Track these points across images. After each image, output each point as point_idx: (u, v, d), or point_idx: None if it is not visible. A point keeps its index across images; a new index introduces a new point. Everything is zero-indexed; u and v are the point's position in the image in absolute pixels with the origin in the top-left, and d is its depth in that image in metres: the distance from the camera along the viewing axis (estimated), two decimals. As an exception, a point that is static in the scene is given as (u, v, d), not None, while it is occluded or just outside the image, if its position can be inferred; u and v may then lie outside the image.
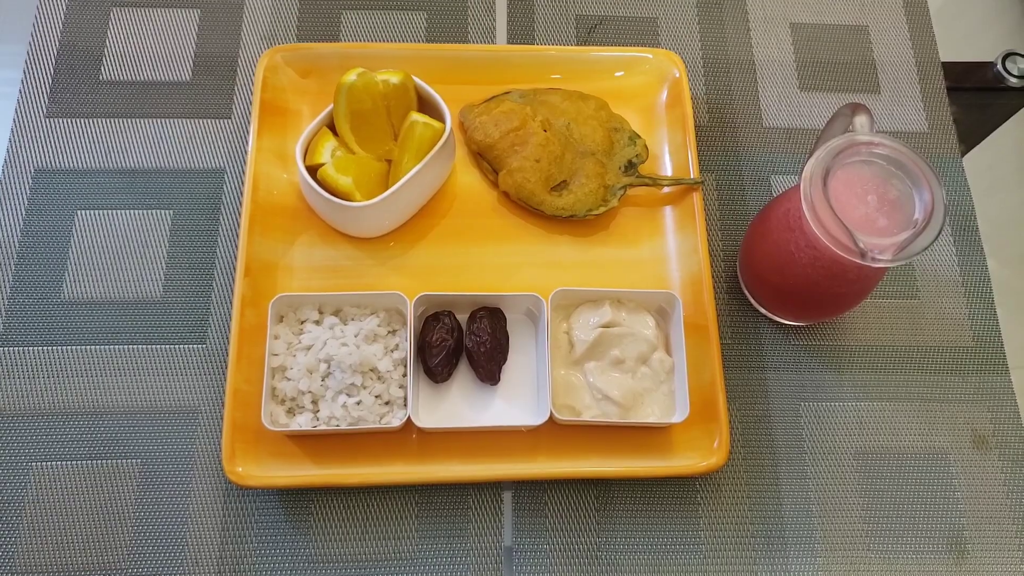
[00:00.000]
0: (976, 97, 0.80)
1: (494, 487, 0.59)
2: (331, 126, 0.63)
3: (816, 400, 0.63)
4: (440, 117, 0.63)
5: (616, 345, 0.59)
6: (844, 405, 0.63)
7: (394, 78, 0.61)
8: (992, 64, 0.79)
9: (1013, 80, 0.78)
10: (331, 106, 0.62)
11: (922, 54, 0.76)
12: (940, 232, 0.50)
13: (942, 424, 0.63)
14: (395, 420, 0.57)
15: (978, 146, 0.80)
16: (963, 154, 0.73)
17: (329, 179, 0.60)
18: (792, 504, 0.60)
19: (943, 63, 0.76)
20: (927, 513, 0.60)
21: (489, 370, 0.59)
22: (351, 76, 0.60)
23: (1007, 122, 0.82)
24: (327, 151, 0.61)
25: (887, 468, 0.61)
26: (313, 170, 0.61)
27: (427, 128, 0.61)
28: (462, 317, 0.61)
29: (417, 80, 0.63)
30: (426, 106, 0.64)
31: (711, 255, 0.66)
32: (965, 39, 0.82)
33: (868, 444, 0.62)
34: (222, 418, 0.58)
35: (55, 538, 0.56)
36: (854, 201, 0.52)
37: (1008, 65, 0.78)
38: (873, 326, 0.66)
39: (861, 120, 0.54)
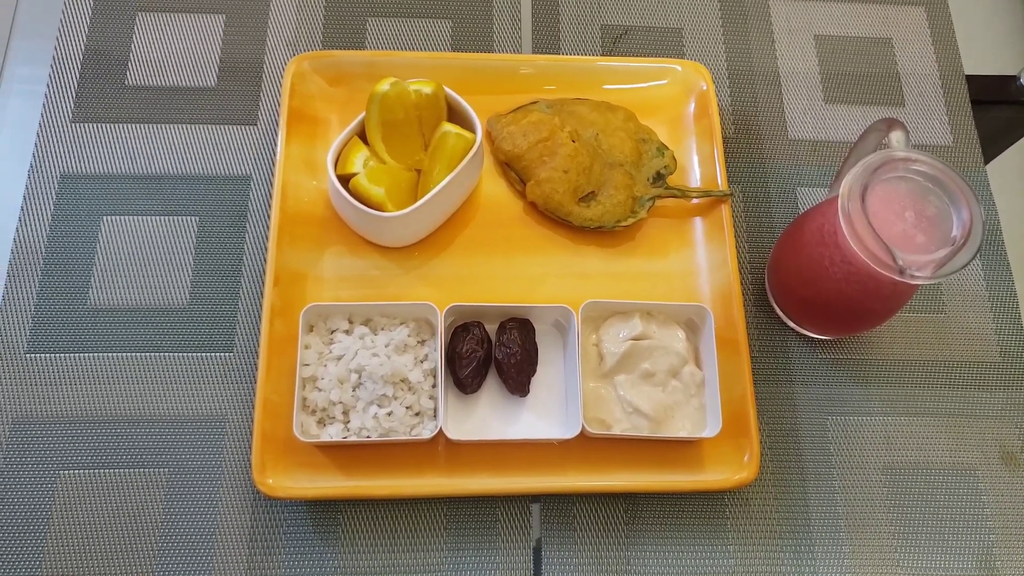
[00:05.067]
0: (999, 110, 0.80)
1: (522, 499, 0.59)
2: (361, 135, 0.62)
3: (844, 414, 0.63)
4: (470, 127, 0.63)
5: (646, 358, 0.59)
6: (872, 420, 0.63)
7: (426, 88, 0.61)
8: (1015, 78, 0.79)
9: (1036, 94, 0.79)
10: (362, 115, 0.61)
11: (946, 67, 0.76)
12: (979, 250, 0.50)
13: (970, 440, 0.63)
14: (426, 431, 0.56)
15: (1000, 158, 0.80)
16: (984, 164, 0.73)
17: (362, 189, 0.59)
18: (820, 519, 0.60)
19: (967, 76, 0.76)
20: (956, 529, 0.60)
21: (519, 382, 0.59)
22: (384, 86, 0.60)
23: (1029, 135, 0.82)
24: (359, 161, 0.60)
25: (915, 484, 0.61)
26: (343, 179, 0.61)
27: (459, 139, 0.61)
28: (491, 328, 0.61)
29: (448, 90, 0.63)
30: (456, 116, 0.64)
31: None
32: (988, 52, 0.82)
33: (896, 459, 0.62)
34: (250, 427, 0.58)
35: (82, 548, 0.56)
36: (892, 217, 0.52)
37: (1031, 79, 0.79)
38: (900, 340, 0.66)
39: (897, 136, 0.54)
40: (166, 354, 0.61)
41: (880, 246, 0.50)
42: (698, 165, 0.69)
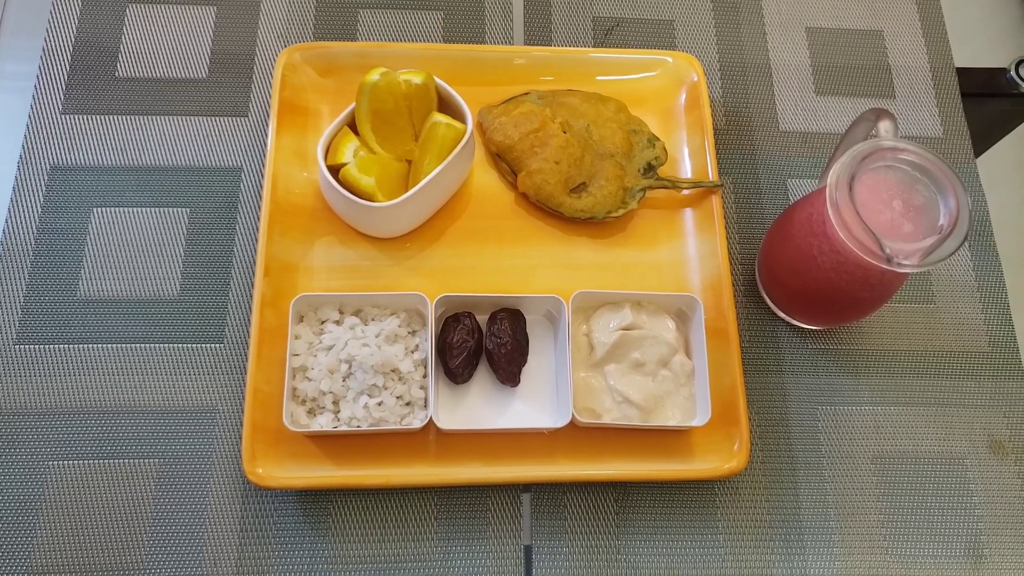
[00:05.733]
0: (989, 103, 0.80)
1: (513, 489, 0.59)
2: (351, 125, 0.62)
3: (833, 404, 0.63)
4: (461, 118, 0.63)
5: (636, 348, 0.59)
6: (861, 409, 0.63)
7: (416, 78, 0.61)
8: (1005, 70, 0.79)
9: (1026, 86, 0.79)
10: (352, 105, 0.61)
11: (936, 60, 0.76)
12: (966, 238, 0.50)
13: (959, 429, 0.63)
14: (416, 421, 0.57)
15: (990, 151, 0.81)
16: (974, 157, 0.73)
17: (351, 179, 0.59)
18: (810, 508, 0.60)
19: (957, 69, 0.76)
20: (944, 518, 0.61)
21: (509, 372, 0.59)
22: (374, 76, 0.60)
23: (1019, 128, 0.82)
24: (349, 151, 0.60)
25: (904, 473, 0.62)
26: (334, 170, 0.61)
27: (450, 129, 0.61)
28: (482, 318, 0.61)
29: (439, 81, 0.63)
30: (447, 107, 0.64)
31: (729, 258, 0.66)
32: (979, 46, 0.82)
33: (885, 448, 0.62)
34: (240, 418, 0.59)
35: (72, 538, 0.56)
36: (879, 206, 0.52)
37: (1022, 72, 0.79)
38: (889, 331, 0.66)
39: (886, 125, 0.54)
40: (156, 345, 0.61)
41: (868, 235, 0.50)
42: (689, 156, 0.69)
